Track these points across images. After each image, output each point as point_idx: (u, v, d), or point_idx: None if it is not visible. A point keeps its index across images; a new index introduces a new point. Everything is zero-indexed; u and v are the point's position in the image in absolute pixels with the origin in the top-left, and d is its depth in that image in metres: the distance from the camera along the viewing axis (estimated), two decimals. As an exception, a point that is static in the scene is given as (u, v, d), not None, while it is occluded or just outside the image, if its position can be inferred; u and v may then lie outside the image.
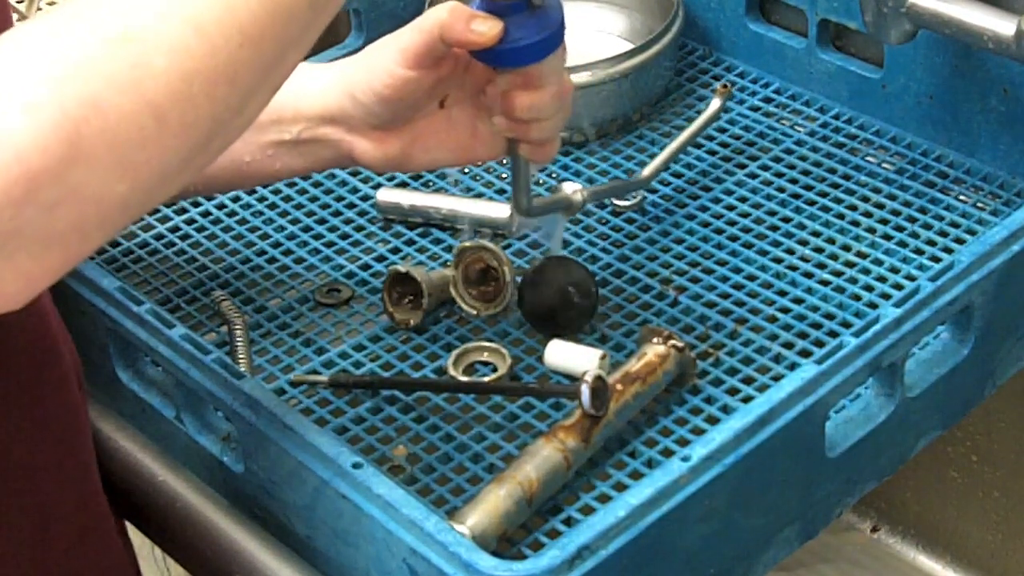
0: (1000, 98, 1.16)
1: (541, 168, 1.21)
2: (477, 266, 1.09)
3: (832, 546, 1.47)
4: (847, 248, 1.12)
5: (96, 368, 1.01)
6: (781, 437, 0.89)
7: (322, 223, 1.19)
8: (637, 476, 0.95)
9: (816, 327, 1.06)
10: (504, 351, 1.04)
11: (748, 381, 1.01)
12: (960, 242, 1.12)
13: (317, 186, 1.23)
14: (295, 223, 1.19)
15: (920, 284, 0.96)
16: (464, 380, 1.03)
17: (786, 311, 1.07)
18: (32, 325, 0.86)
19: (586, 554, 0.81)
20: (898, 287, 1.08)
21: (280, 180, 1.12)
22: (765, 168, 1.22)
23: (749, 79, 1.31)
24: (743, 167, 1.22)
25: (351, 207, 1.21)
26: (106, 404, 1.03)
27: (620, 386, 0.97)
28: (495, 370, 1.04)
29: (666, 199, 1.19)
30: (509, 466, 0.93)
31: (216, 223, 1.20)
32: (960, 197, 1.17)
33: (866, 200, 1.17)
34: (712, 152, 1.24)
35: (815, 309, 1.07)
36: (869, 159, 1.21)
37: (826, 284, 1.09)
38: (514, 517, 0.91)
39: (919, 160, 1.20)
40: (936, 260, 1.10)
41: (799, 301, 1.08)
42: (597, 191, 1.12)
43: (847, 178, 1.19)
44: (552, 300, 1.05)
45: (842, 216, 1.16)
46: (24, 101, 0.66)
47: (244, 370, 1.00)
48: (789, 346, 1.04)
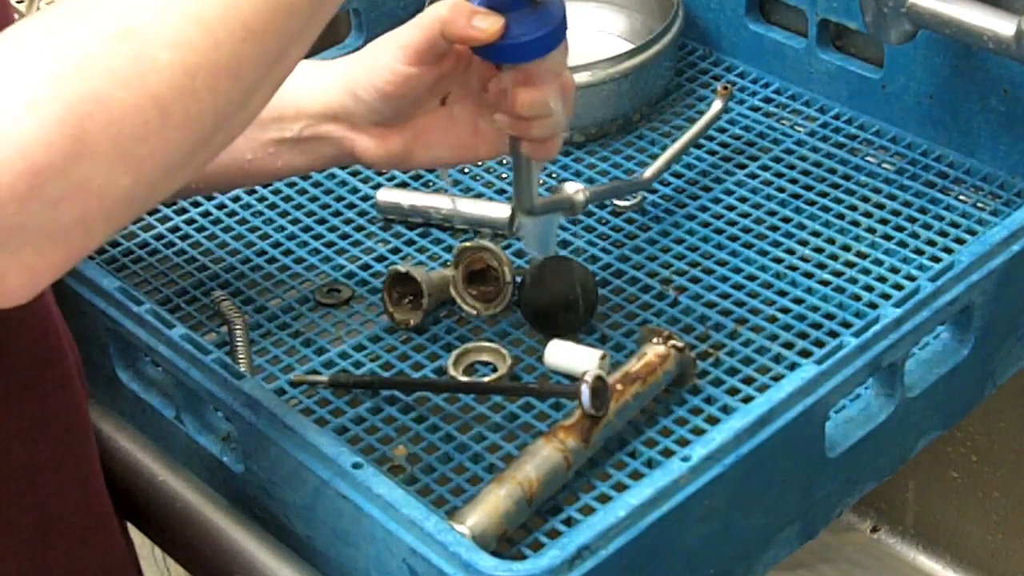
0: (1000, 98, 1.16)
1: (542, 168, 1.20)
2: (477, 266, 1.09)
3: (832, 546, 1.47)
4: (847, 248, 1.12)
5: (96, 368, 1.01)
6: (781, 437, 0.89)
7: (322, 223, 1.19)
8: (637, 476, 0.95)
9: (816, 327, 1.06)
10: (504, 351, 1.04)
11: (748, 381, 1.01)
12: (960, 242, 1.12)
13: (317, 186, 1.23)
14: (295, 223, 1.19)
15: (920, 284, 0.96)
16: (464, 380, 1.03)
17: (786, 311, 1.07)
18: (36, 323, 0.86)
19: (586, 554, 0.81)
20: (898, 287, 1.08)
21: (282, 178, 1.12)
22: (765, 168, 1.21)
23: (749, 79, 1.31)
24: (743, 167, 1.22)
25: (351, 207, 1.21)
26: (106, 404, 1.03)
27: (620, 386, 0.97)
28: (495, 370, 1.04)
29: (666, 199, 1.19)
30: (509, 466, 0.93)
31: (216, 223, 1.20)
32: (960, 197, 1.17)
33: (866, 200, 1.17)
34: (712, 152, 1.24)
35: (815, 309, 1.07)
36: (869, 159, 1.21)
37: (826, 284, 1.09)
38: (514, 517, 0.90)
39: (919, 160, 1.20)
40: (936, 260, 1.10)
41: (799, 301, 1.08)
42: (599, 191, 1.12)
43: (847, 178, 1.19)
44: (552, 300, 1.05)
45: (842, 216, 1.16)
46: (27, 98, 0.66)
47: (244, 370, 1.00)
48: (789, 346, 1.04)
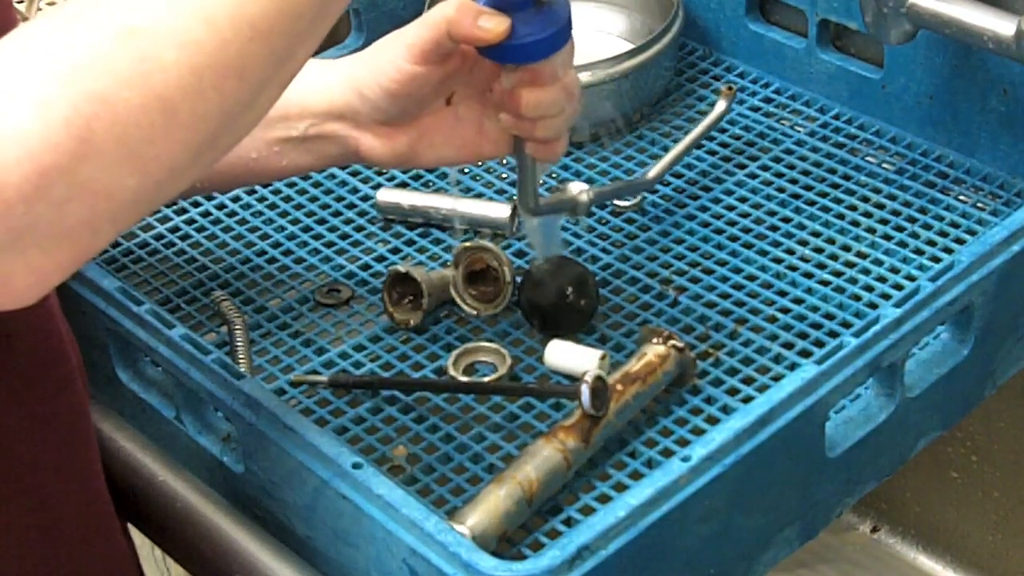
0: (1000, 98, 1.16)
1: (545, 169, 1.20)
2: (477, 266, 1.09)
3: (832, 546, 1.47)
4: (847, 248, 1.12)
5: (96, 368, 1.01)
6: (781, 437, 0.89)
7: (322, 223, 1.19)
8: (637, 476, 0.95)
9: (816, 327, 1.06)
10: (504, 351, 1.04)
11: (748, 381, 1.01)
12: (960, 242, 1.12)
13: (317, 186, 1.23)
14: (295, 223, 1.19)
15: (920, 284, 0.96)
16: (464, 380, 1.03)
17: (786, 311, 1.07)
18: (39, 324, 0.86)
19: (586, 554, 0.81)
20: (898, 287, 1.08)
21: (287, 177, 1.12)
22: (765, 168, 1.21)
23: (749, 79, 1.31)
24: (743, 167, 1.22)
25: (351, 207, 1.21)
26: (106, 404, 1.03)
27: (620, 386, 0.97)
28: (495, 370, 1.04)
29: (666, 199, 1.19)
30: (509, 466, 0.92)
31: (216, 223, 1.19)
32: (960, 197, 1.17)
33: (866, 200, 1.17)
34: (712, 152, 1.24)
35: (815, 309, 1.07)
36: (869, 159, 1.21)
37: (826, 284, 1.09)
38: (514, 517, 0.90)
39: (919, 160, 1.20)
40: (936, 260, 1.10)
41: (799, 301, 1.08)
42: (602, 192, 1.11)
43: (847, 178, 1.19)
44: (552, 300, 1.05)
45: (842, 216, 1.16)
46: (34, 98, 0.66)
47: (244, 370, 1.00)
48: (789, 346, 1.04)
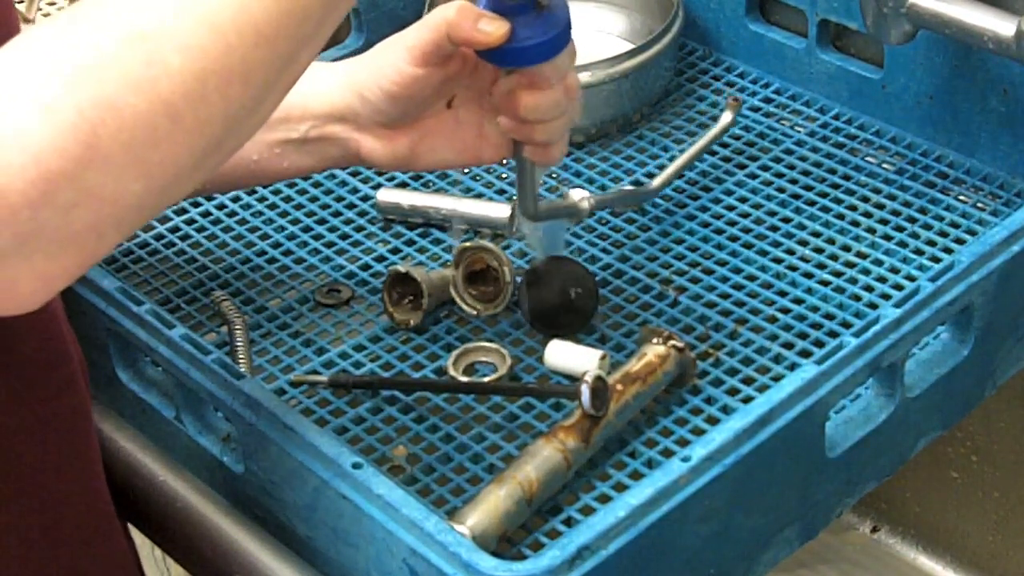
0: (1000, 98, 1.16)
1: (544, 172, 1.20)
2: (477, 266, 1.09)
3: (832, 546, 1.47)
4: (847, 248, 1.12)
5: (96, 368, 1.01)
6: (781, 437, 0.89)
7: (322, 223, 1.19)
8: (637, 476, 0.95)
9: (816, 327, 1.06)
10: (504, 351, 1.04)
11: (748, 381, 1.01)
12: (960, 242, 1.12)
13: (317, 186, 1.23)
14: (295, 223, 1.19)
15: (920, 284, 0.96)
16: (464, 380, 1.03)
17: (786, 311, 1.07)
18: (41, 326, 0.86)
19: (586, 554, 0.81)
20: (898, 287, 1.08)
21: (288, 178, 1.12)
22: (765, 168, 1.21)
23: (749, 79, 1.31)
24: (743, 167, 1.22)
25: (351, 207, 1.21)
26: (106, 404, 1.03)
27: (620, 386, 0.96)
28: (495, 370, 1.04)
29: (666, 199, 1.19)
30: (509, 466, 0.92)
31: (216, 223, 1.19)
32: (960, 197, 1.17)
33: (866, 200, 1.17)
34: (712, 152, 1.23)
35: (815, 309, 1.07)
36: (869, 159, 1.21)
37: (826, 284, 1.09)
38: (514, 517, 0.90)
39: (919, 160, 1.20)
40: (936, 260, 1.10)
41: (799, 301, 1.08)
42: (605, 199, 1.11)
43: (847, 178, 1.19)
44: (552, 300, 1.05)
45: (842, 216, 1.16)
46: (41, 103, 0.66)
47: (244, 370, 1.00)
48: (789, 346, 1.04)
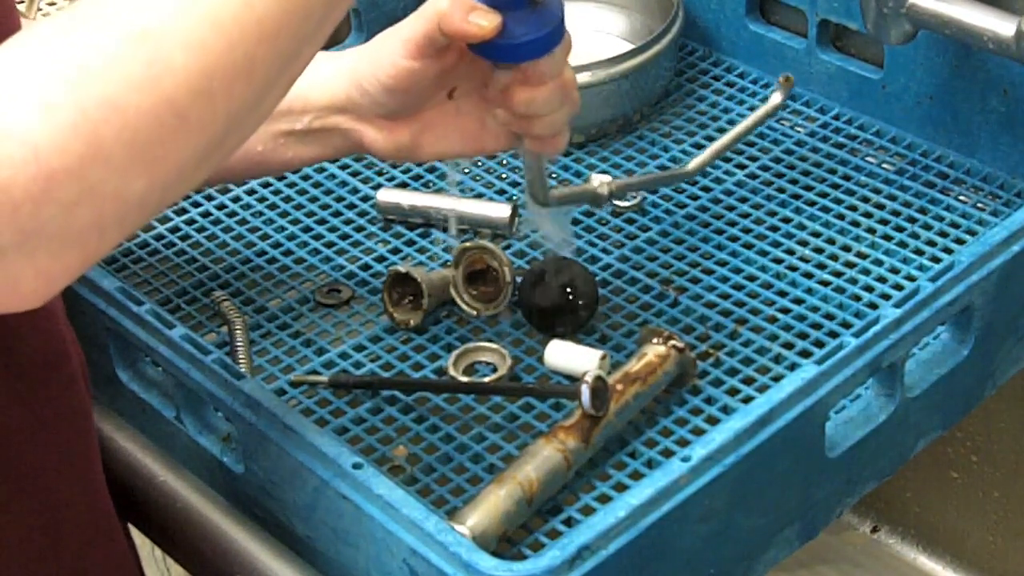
0: (1000, 98, 1.16)
1: (550, 159, 1.19)
2: (477, 266, 1.09)
3: (832, 546, 1.47)
4: (847, 248, 1.12)
5: (96, 368, 1.01)
6: (781, 437, 0.89)
7: (322, 223, 1.19)
8: (637, 476, 0.95)
9: (816, 327, 1.06)
10: (504, 351, 1.04)
11: (748, 381, 1.01)
12: (960, 242, 1.12)
13: (317, 186, 1.23)
14: (295, 223, 1.19)
15: (920, 284, 0.96)
16: (464, 380, 1.03)
17: (786, 311, 1.07)
18: (42, 326, 0.86)
19: (586, 554, 0.81)
20: (898, 287, 1.08)
21: (294, 169, 1.12)
22: (765, 168, 1.21)
23: (749, 79, 1.31)
24: (743, 167, 1.22)
25: (351, 207, 1.21)
26: (106, 404, 1.03)
27: (620, 386, 0.96)
28: (495, 370, 1.04)
29: (666, 199, 1.19)
30: (509, 466, 0.92)
31: (216, 223, 1.19)
32: (960, 197, 1.17)
33: (866, 200, 1.17)
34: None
35: (815, 309, 1.07)
36: (869, 159, 1.21)
37: (826, 284, 1.09)
38: (514, 517, 0.90)
39: (919, 160, 1.20)
40: (936, 260, 1.10)
41: (799, 301, 1.08)
42: (635, 182, 1.10)
43: (847, 178, 1.19)
44: (552, 300, 1.05)
45: (842, 216, 1.16)
46: (43, 101, 0.66)
47: (244, 370, 1.00)
48: (789, 346, 1.04)
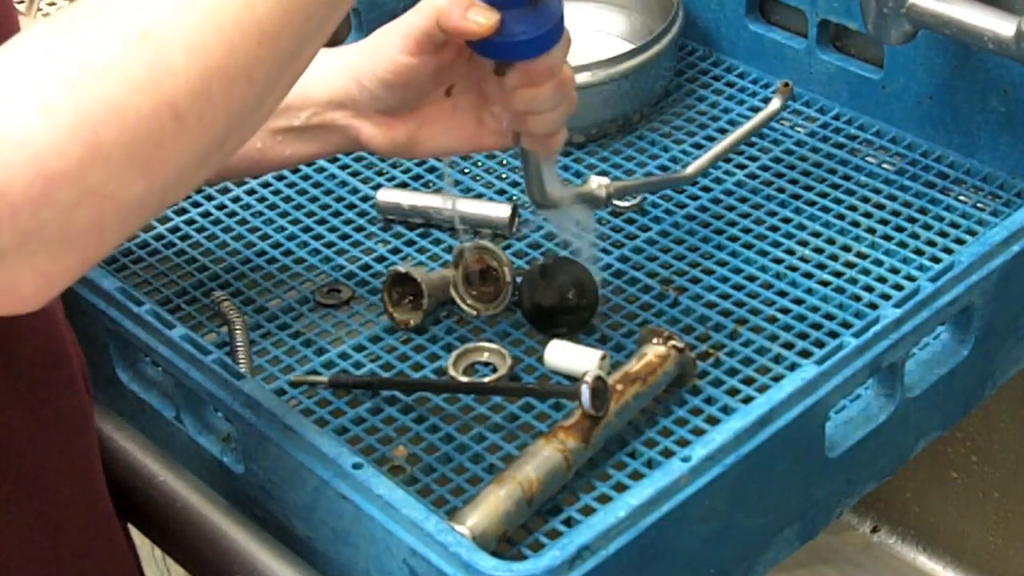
0: (1000, 98, 1.16)
1: (555, 162, 1.19)
2: (477, 266, 1.09)
3: (832, 546, 1.47)
4: (847, 248, 1.12)
5: (96, 368, 1.01)
6: (781, 437, 0.89)
7: (322, 223, 1.19)
8: (637, 477, 0.95)
9: (816, 327, 1.06)
10: (504, 351, 1.04)
11: (748, 382, 1.01)
12: (960, 243, 1.12)
13: (317, 186, 1.23)
14: (295, 223, 1.19)
15: (920, 285, 0.96)
16: (464, 380, 1.03)
17: (786, 311, 1.07)
18: (41, 327, 0.86)
19: (586, 554, 0.81)
20: (898, 287, 1.08)
21: (292, 166, 1.12)
22: (765, 168, 1.21)
23: (749, 79, 1.31)
24: (743, 167, 1.22)
25: (351, 207, 1.21)
26: (106, 404, 1.03)
27: (620, 387, 0.96)
28: (495, 370, 1.04)
29: (666, 199, 1.19)
30: (509, 466, 0.92)
31: (216, 223, 1.19)
32: (960, 198, 1.17)
33: (866, 200, 1.17)
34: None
35: (815, 310, 1.07)
36: (869, 159, 1.21)
37: (826, 284, 1.09)
38: (514, 517, 0.90)
39: (919, 160, 1.20)
40: (936, 261, 1.10)
41: (799, 301, 1.08)
42: (632, 186, 1.10)
43: (847, 178, 1.19)
44: (552, 300, 1.05)
45: (842, 216, 1.16)
46: (42, 102, 0.65)
47: (244, 371, 1.00)
48: (789, 346, 1.04)
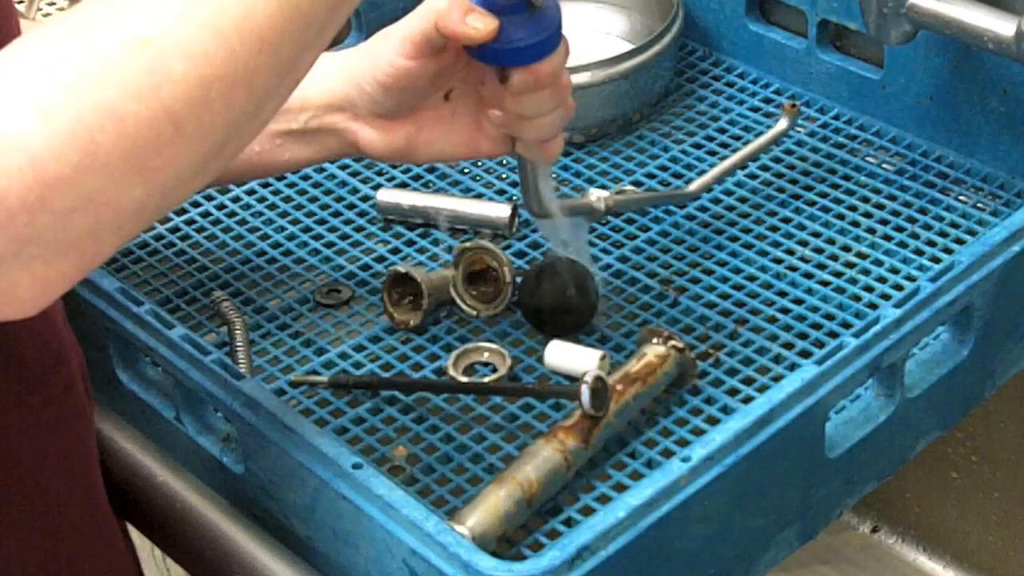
0: (1000, 98, 1.16)
1: (550, 171, 1.19)
2: (477, 266, 1.09)
3: (832, 546, 1.47)
4: (847, 248, 1.12)
5: (96, 368, 1.01)
6: (781, 438, 0.89)
7: (322, 223, 1.19)
8: (637, 477, 0.95)
9: (816, 328, 1.06)
10: (504, 351, 1.04)
11: (748, 382, 1.01)
12: (960, 243, 1.12)
13: (317, 186, 1.23)
14: (295, 223, 1.19)
15: (920, 285, 0.96)
16: (464, 381, 1.03)
17: (786, 312, 1.07)
18: (40, 329, 0.86)
19: (586, 555, 0.81)
20: (898, 288, 1.08)
21: (290, 170, 1.12)
22: (765, 168, 1.21)
23: (749, 79, 1.31)
24: (743, 167, 1.22)
25: (351, 207, 1.21)
26: (106, 404, 1.03)
27: (620, 387, 0.96)
28: (495, 370, 1.04)
29: (666, 199, 1.19)
30: (509, 467, 0.92)
31: (216, 223, 1.19)
32: (960, 198, 1.17)
33: (866, 200, 1.17)
34: (712, 152, 1.23)
35: (815, 310, 1.07)
36: (869, 159, 1.21)
37: (826, 285, 1.09)
38: (514, 518, 0.90)
39: (919, 160, 1.20)
40: (936, 261, 1.10)
41: (799, 302, 1.08)
42: (632, 200, 1.11)
43: (847, 178, 1.19)
44: (552, 300, 1.05)
45: (842, 216, 1.16)
46: (40, 107, 0.65)
47: (244, 371, 1.00)
48: (789, 347, 1.04)
